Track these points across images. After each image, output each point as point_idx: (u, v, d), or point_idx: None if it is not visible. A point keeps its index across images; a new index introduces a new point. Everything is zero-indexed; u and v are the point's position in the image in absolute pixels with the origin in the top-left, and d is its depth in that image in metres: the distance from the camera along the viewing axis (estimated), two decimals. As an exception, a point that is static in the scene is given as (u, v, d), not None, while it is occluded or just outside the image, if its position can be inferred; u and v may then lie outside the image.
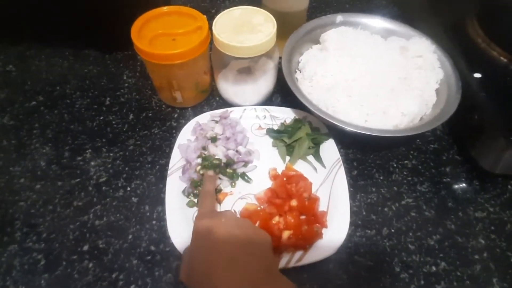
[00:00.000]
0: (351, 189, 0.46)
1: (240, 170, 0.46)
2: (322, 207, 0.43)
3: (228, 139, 0.48)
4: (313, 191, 0.45)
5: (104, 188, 0.46)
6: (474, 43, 0.52)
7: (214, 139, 0.47)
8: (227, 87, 0.52)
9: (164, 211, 0.42)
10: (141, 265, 0.40)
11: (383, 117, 0.46)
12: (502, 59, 0.50)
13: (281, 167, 0.47)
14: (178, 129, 0.51)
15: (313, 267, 0.39)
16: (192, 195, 0.44)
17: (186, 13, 0.50)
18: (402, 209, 0.45)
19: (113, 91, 0.57)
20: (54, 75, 0.59)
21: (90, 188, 0.46)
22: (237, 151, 0.47)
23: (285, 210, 0.42)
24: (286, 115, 0.51)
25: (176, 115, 0.54)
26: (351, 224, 0.42)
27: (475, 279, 0.40)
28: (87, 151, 0.50)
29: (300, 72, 0.52)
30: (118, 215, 0.44)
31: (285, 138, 0.48)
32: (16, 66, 0.61)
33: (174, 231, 0.40)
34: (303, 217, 0.42)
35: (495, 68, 0.49)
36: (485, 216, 0.45)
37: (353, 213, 0.43)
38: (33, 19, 0.60)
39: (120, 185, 0.46)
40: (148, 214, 0.44)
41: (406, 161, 0.50)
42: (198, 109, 0.55)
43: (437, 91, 0.49)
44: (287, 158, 0.48)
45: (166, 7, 0.50)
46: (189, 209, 0.43)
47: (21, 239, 0.42)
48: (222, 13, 0.48)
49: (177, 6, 0.50)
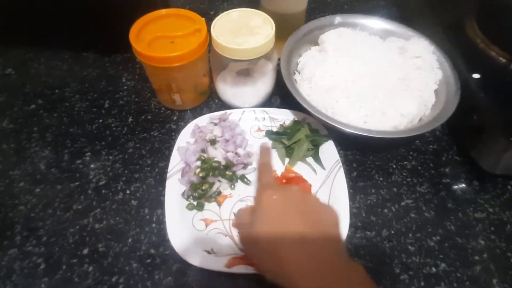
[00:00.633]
0: (351, 190, 0.46)
1: (239, 172, 0.46)
2: (321, 209, 0.43)
3: (227, 141, 0.48)
4: (313, 192, 0.45)
5: (103, 191, 0.46)
6: (473, 43, 0.52)
7: (213, 142, 0.47)
8: (226, 89, 0.52)
9: (163, 214, 0.42)
10: (141, 269, 0.40)
11: (382, 118, 0.46)
12: (501, 59, 0.50)
13: (280, 169, 0.47)
14: (177, 131, 0.51)
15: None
16: (191, 197, 0.44)
17: (184, 15, 0.50)
18: (401, 210, 0.45)
19: (112, 93, 0.57)
20: (53, 78, 0.59)
21: (89, 191, 0.46)
22: (236, 153, 0.47)
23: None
24: (285, 116, 0.51)
25: (175, 118, 0.54)
26: (351, 225, 0.42)
27: (475, 280, 0.40)
28: (87, 154, 0.50)
29: (299, 73, 0.52)
30: (117, 219, 0.44)
31: (284, 140, 0.48)
32: (15, 69, 0.61)
33: (174, 234, 0.40)
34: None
35: (494, 68, 0.49)
36: (485, 216, 0.45)
37: (352, 215, 0.43)
38: (32, 22, 0.60)
39: (119, 188, 0.46)
40: (147, 217, 0.44)
41: (405, 162, 0.50)
42: (197, 112, 0.55)
43: (436, 91, 0.49)
44: (287, 160, 0.48)
45: (164, 10, 0.50)
46: (189, 211, 0.43)
47: (21, 243, 0.42)
48: (220, 16, 0.48)
49: (175, 8, 0.51)
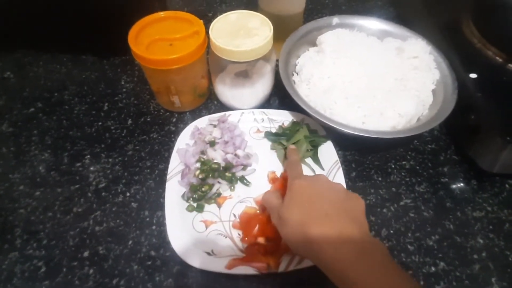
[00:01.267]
0: (350, 190, 0.46)
1: (239, 173, 0.46)
2: (321, 209, 0.43)
3: (226, 143, 0.48)
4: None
5: (103, 193, 0.46)
6: (469, 43, 0.52)
7: (212, 143, 0.47)
8: (225, 91, 0.52)
9: (163, 216, 0.42)
10: (141, 271, 0.40)
11: (380, 119, 0.46)
12: (497, 59, 0.50)
13: (280, 170, 0.47)
14: (176, 133, 0.51)
15: (313, 270, 0.39)
16: (191, 199, 0.44)
17: (182, 18, 0.50)
18: (400, 210, 0.45)
19: (111, 96, 0.57)
20: (52, 81, 0.59)
21: (89, 194, 0.46)
22: (235, 155, 0.47)
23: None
24: (284, 118, 0.52)
25: (174, 120, 0.54)
26: (350, 226, 0.42)
27: (474, 279, 0.40)
28: (86, 157, 0.50)
29: (297, 74, 0.53)
30: (118, 221, 0.44)
31: (283, 141, 0.48)
32: (14, 73, 0.61)
33: (174, 236, 0.40)
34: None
35: (491, 68, 0.50)
36: (483, 215, 0.45)
37: (352, 215, 0.43)
38: (30, 26, 0.60)
39: (119, 191, 0.46)
40: (148, 219, 0.44)
41: (404, 162, 0.50)
42: (196, 113, 0.55)
43: (433, 91, 0.50)
44: (286, 161, 0.48)
45: (162, 12, 0.50)
46: (189, 213, 0.43)
47: (21, 246, 0.42)
48: (218, 18, 0.48)
49: (173, 11, 0.51)
